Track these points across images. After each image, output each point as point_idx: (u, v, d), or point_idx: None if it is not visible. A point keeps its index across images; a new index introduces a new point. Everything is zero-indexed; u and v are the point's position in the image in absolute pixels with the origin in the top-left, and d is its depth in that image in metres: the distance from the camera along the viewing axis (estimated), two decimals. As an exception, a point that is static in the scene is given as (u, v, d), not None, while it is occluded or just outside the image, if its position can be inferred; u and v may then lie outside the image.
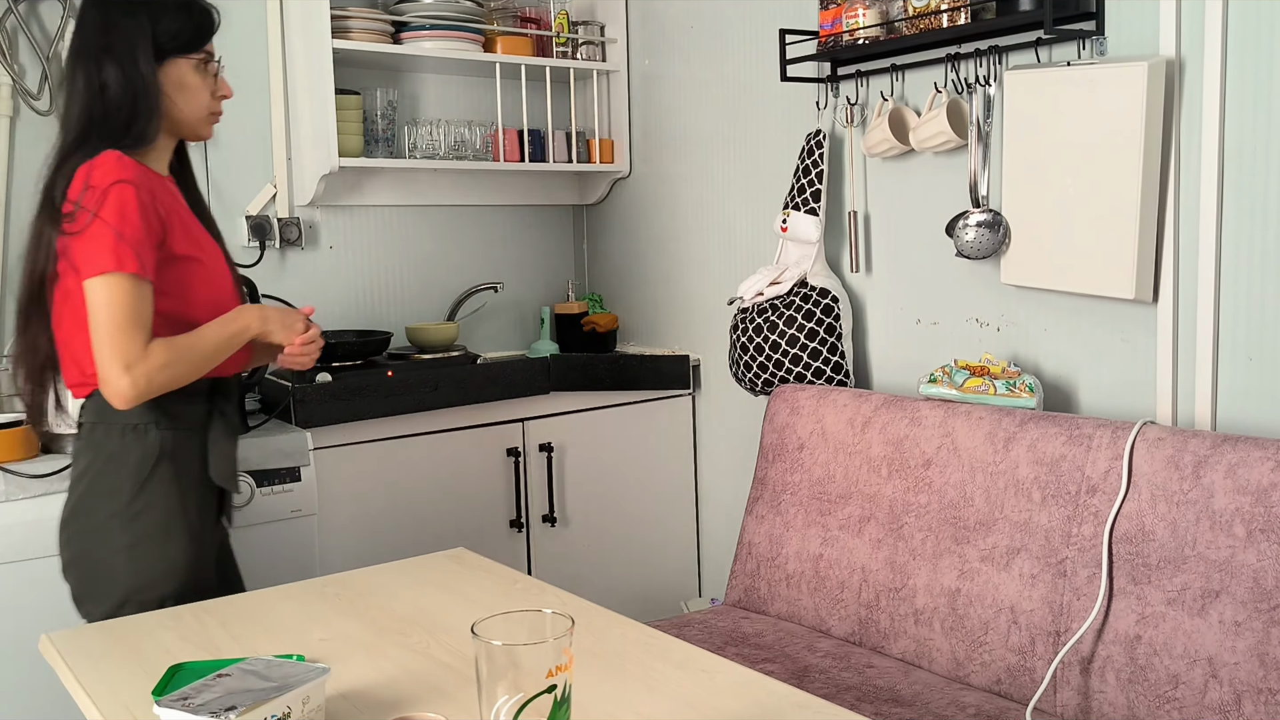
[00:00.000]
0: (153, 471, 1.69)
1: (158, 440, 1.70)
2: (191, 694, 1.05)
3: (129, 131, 1.69)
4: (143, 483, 1.69)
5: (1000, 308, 2.26)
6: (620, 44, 3.14)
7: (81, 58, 1.70)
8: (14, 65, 2.46)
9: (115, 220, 1.59)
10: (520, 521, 2.81)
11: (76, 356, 1.70)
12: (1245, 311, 1.86)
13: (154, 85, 1.71)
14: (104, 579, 1.69)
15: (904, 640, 2.03)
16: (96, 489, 1.69)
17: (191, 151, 1.92)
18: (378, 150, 2.88)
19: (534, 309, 3.27)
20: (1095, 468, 1.82)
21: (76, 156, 1.66)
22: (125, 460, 1.69)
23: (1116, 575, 1.76)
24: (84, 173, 1.63)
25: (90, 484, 1.70)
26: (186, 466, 1.73)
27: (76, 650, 1.40)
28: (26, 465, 2.07)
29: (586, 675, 1.26)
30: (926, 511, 2.04)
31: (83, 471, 1.71)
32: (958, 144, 2.21)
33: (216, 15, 1.80)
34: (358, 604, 1.56)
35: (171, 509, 1.71)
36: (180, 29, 1.74)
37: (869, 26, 2.29)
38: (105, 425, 1.69)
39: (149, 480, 1.69)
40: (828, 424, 2.27)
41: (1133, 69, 1.89)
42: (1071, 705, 1.78)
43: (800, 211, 2.48)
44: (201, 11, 1.77)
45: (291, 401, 2.41)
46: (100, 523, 1.69)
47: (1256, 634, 1.58)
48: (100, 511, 1.69)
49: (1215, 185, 1.87)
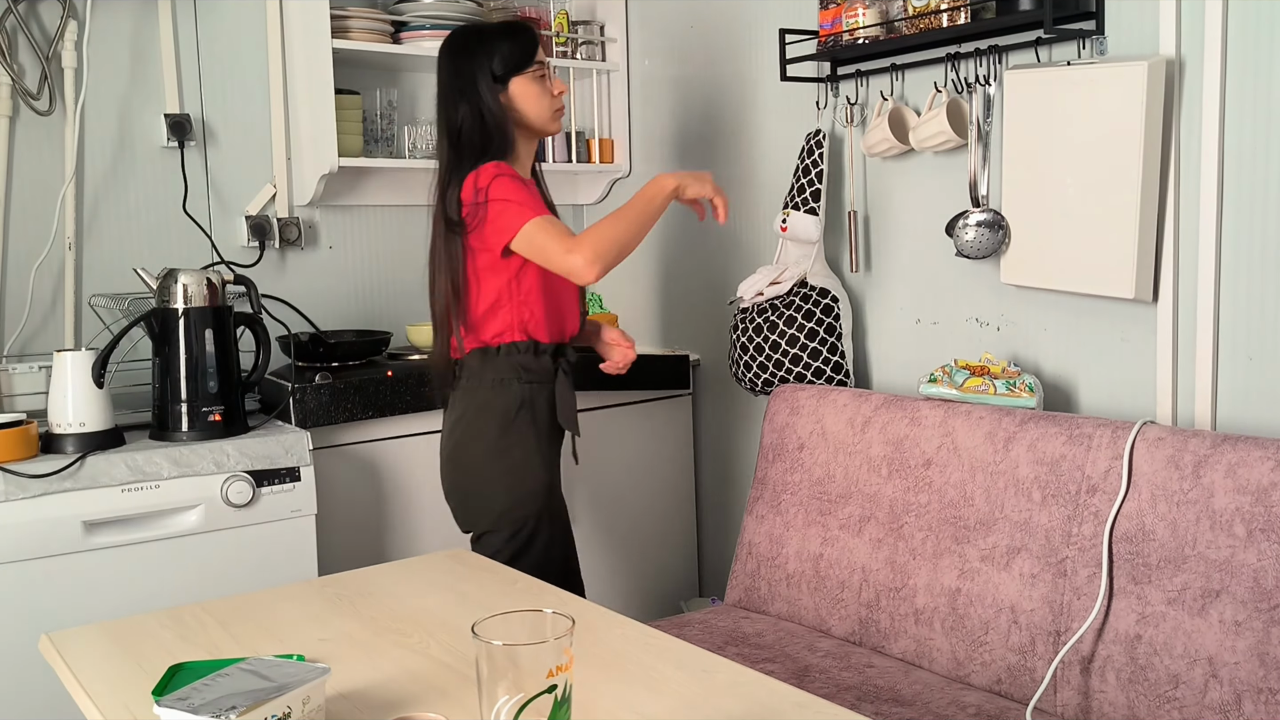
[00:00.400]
0: (516, 416, 2.10)
1: (519, 392, 2.10)
2: (191, 694, 1.05)
3: (486, 153, 2.08)
4: (508, 426, 2.09)
5: (1000, 307, 2.26)
6: (620, 44, 3.14)
7: (441, 101, 2.13)
8: (14, 65, 2.46)
9: (504, 194, 2.00)
10: (520, 521, 2.81)
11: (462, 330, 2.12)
12: (1245, 311, 1.86)
13: (500, 109, 2.10)
14: (483, 503, 2.13)
15: (904, 640, 2.02)
16: (472, 431, 2.12)
17: (191, 152, 1.93)
18: (377, 150, 2.88)
19: (534, 309, 3.27)
20: (1095, 467, 1.82)
21: (456, 177, 2.06)
22: (494, 407, 2.10)
23: (1117, 575, 1.76)
24: (470, 181, 2.03)
25: (467, 427, 2.12)
26: (540, 413, 2.12)
27: (76, 650, 1.40)
28: (26, 465, 2.07)
29: (586, 675, 1.26)
30: (926, 511, 2.04)
31: (459, 416, 2.14)
32: (958, 144, 2.21)
33: (536, 32, 2.17)
34: (358, 604, 1.56)
35: (530, 447, 2.11)
36: (510, 53, 2.11)
37: (869, 26, 2.29)
38: (478, 380, 2.12)
39: (513, 424, 2.10)
40: (828, 424, 2.27)
41: (1132, 69, 1.89)
42: (1072, 705, 1.78)
43: (800, 211, 2.47)
44: (525, 33, 2.14)
45: (291, 401, 2.41)
46: (477, 458, 2.11)
47: (1256, 634, 1.58)
48: (476, 449, 2.11)
49: (1215, 185, 1.87)
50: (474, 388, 2.13)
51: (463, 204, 2.04)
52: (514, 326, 2.10)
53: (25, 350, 2.50)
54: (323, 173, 2.71)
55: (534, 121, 2.14)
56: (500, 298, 2.09)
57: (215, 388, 2.28)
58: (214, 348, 2.28)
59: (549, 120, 2.16)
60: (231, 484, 2.23)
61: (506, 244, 2.02)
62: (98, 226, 2.59)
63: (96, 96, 2.58)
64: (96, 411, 2.17)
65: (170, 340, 2.25)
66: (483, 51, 2.10)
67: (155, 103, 2.65)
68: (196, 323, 2.26)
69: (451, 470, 2.18)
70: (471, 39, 2.13)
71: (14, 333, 2.49)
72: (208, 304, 2.28)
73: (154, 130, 2.65)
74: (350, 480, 2.54)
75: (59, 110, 2.53)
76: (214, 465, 2.22)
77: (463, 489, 2.17)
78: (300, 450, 2.32)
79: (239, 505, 2.24)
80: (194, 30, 2.69)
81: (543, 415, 2.13)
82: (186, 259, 2.67)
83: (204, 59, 2.71)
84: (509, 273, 2.08)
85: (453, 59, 2.12)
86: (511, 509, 2.12)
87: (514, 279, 2.09)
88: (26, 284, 2.50)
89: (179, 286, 2.25)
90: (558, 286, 2.15)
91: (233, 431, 2.30)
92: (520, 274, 2.09)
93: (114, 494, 2.12)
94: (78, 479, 2.09)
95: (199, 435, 2.26)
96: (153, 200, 2.66)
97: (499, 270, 2.08)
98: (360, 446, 2.55)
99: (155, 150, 2.66)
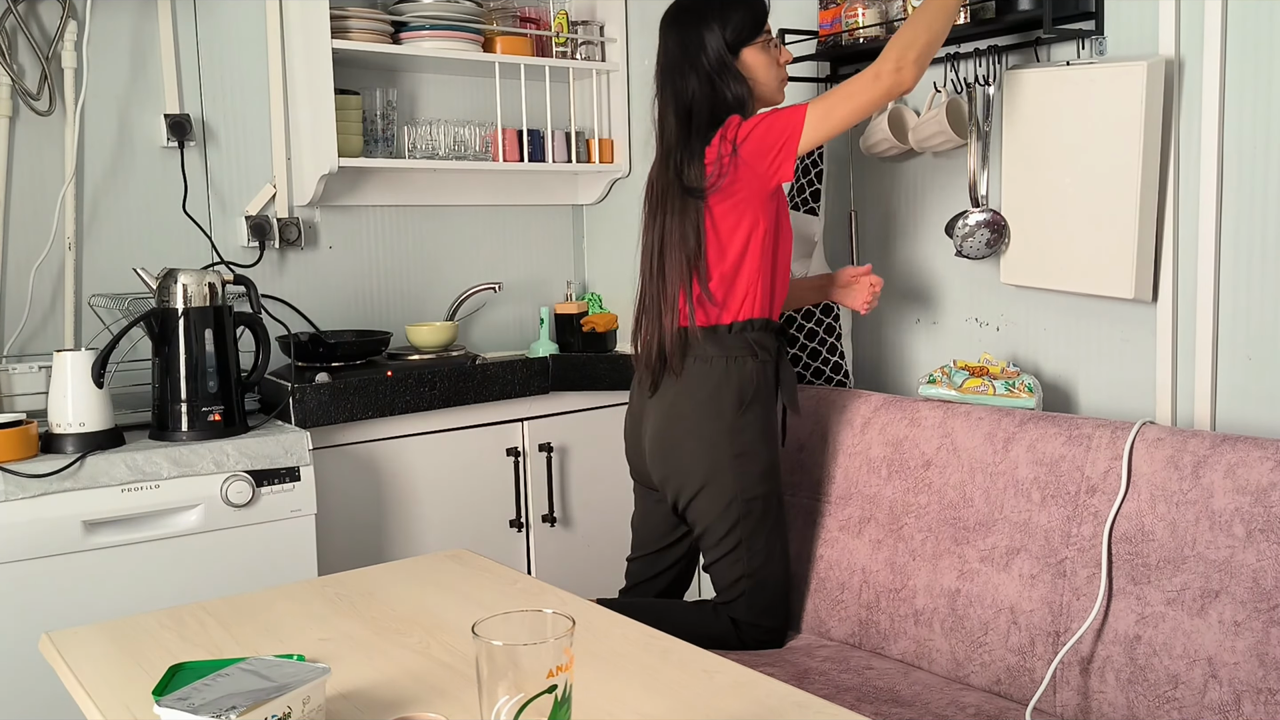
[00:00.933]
0: (753, 394, 2.04)
1: (752, 370, 2.04)
2: (191, 694, 1.05)
3: (719, 124, 2.02)
4: (745, 404, 2.04)
5: (1000, 307, 2.26)
6: (619, 44, 3.14)
7: (668, 73, 2.08)
8: (13, 65, 2.46)
9: (763, 118, 1.98)
10: (520, 521, 2.81)
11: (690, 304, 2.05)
12: (1244, 311, 1.87)
13: (734, 78, 2.05)
14: (715, 484, 2.04)
15: (904, 641, 2.03)
16: (706, 410, 2.04)
17: (191, 152, 1.93)
18: (377, 150, 2.88)
19: (533, 309, 3.27)
20: (1095, 468, 1.82)
21: (687, 152, 2.02)
22: (730, 385, 2.03)
23: (1116, 575, 1.76)
24: (715, 143, 2.00)
25: (698, 405, 2.05)
26: (769, 390, 2.07)
27: (76, 650, 1.40)
28: (26, 465, 2.07)
29: (587, 675, 1.26)
30: (926, 512, 2.04)
31: (691, 393, 2.06)
32: (957, 144, 2.21)
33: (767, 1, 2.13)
34: (358, 604, 1.56)
35: (760, 426, 2.05)
36: (743, 22, 2.06)
37: (868, 26, 2.29)
38: (709, 358, 2.05)
39: (751, 402, 2.04)
40: (828, 425, 2.27)
41: (1132, 69, 1.89)
42: (1071, 705, 1.78)
43: (800, 211, 2.47)
44: (756, 2, 2.09)
45: (291, 401, 2.41)
46: (711, 437, 2.04)
47: (1256, 634, 1.58)
48: (710, 428, 2.03)
49: (1214, 185, 1.87)
50: (706, 369, 2.06)
51: (706, 168, 2.00)
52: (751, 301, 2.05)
53: (25, 350, 2.50)
54: (322, 173, 2.71)
55: (763, 89, 2.10)
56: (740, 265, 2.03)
57: (215, 388, 2.28)
58: (214, 348, 2.28)
59: (776, 89, 2.12)
60: (231, 484, 2.23)
61: (797, 137, 1.96)
62: (97, 227, 2.59)
63: (96, 97, 2.57)
64: (96, 411, 2.17)
65: (170, 340, 2.25)
66: (715, 20, 2.05)
67: (155, 103, 2.65)
68: (196, 323, 2.26)
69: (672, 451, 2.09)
70: (701, 6, 2.08)
71: (14, 333, 2.49)
72: (207, 304, 2.28)
73: (154, 130, 2.65)
74: (350, 480, 2.54)
75: (59, 110, 2.53)
76: (214, 465, 2.22)
77: (693, 470, 2.07)
78: (300, 450, 2.32)
79: (239, 505, 2.24)
80: (194, 30, 2.69)
81: (769, 393, 2.09)
82: (186, 259, 2.67)
83: (204, 59, 2.71)
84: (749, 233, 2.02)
85: (680, 30, 2.08)
86: (745, 490, 2.05)
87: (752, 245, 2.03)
88: (26, 284, 2.50)
89: (179, 286, 2.26)
90: (783, 261, 2.11)
91: (232, 431, 2.30)
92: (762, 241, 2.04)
93: (114, 494, 2.12)
94: (78, 479, 2.09)
95: (199, 435, 2.26)
96: (152, 200, 2.66)
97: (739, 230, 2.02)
98: (360, 446, 2.56)
99: (155, 150, 2.66)
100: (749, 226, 2.02)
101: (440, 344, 2.82)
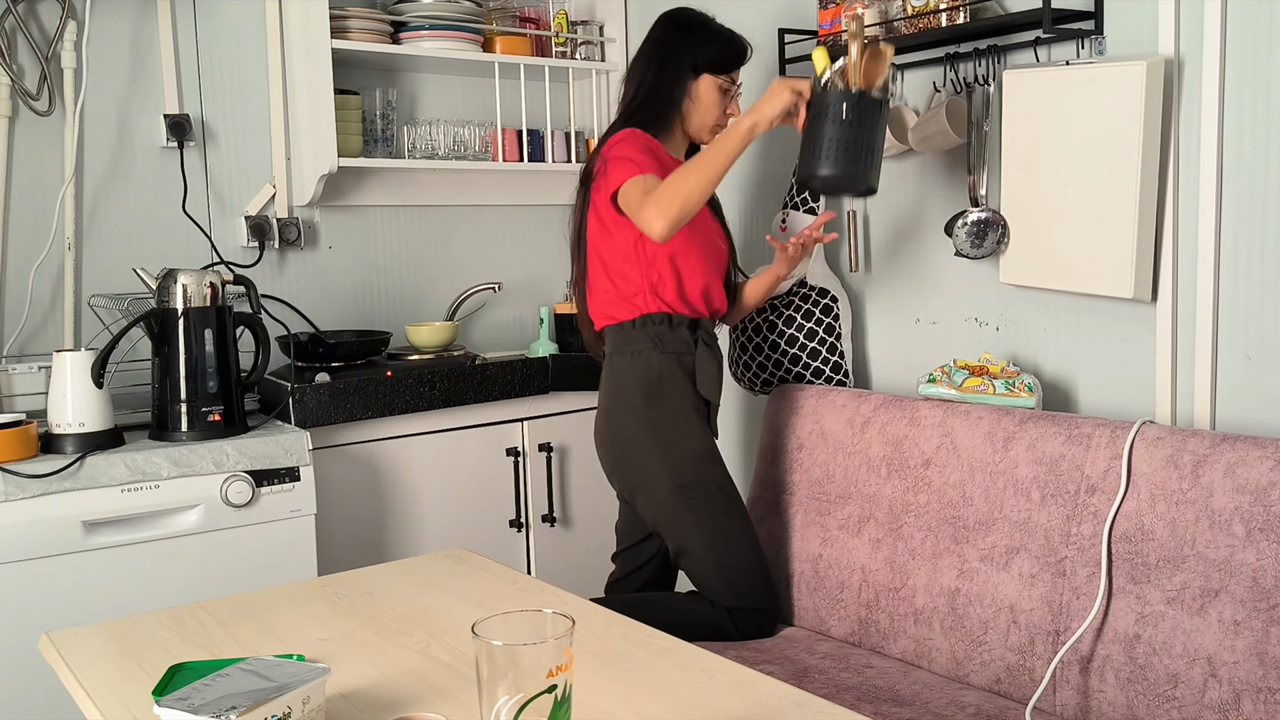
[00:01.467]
0: (659, 388, 2.11)
1: (658, 363, 2.11)
2: (191, 694, 1.05)
3: (646, 123, 2.15)
4: (651, 398, 2.10)
5: (999, 307, 2.26)
6: (619, 44, 3.14)
7: (640, 58, 2.21)
8: (13, 65, 2.46)
9: (623, 152, 2.05)
10: (520, 521, 2.81)
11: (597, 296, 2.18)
12: (1244, 310, 1.87)
13: (678, 92, 2.17)
14: (646, 473, 2.12)
15: (903, 640, 2.03)
16: (618, 404, 2.14)
17: (190, 152, 1.94)
18: (377, 150, 2.88)
19: (533, 309, 3.27)
20: (1094, 467, 1.82)
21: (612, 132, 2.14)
22: (636, 379, 2.12)
23: (1116, 574, 1.76)
24: (607, 145, 2.11)
25: (612, 400, 2.16)
26: (679, 382, 2.12)
27: (76, 650, 1.40)
28: (26, 465, 2.07)
29: (586, 675, 1.26)
30: (926, 511, 2.04)
31: (609, 391, 2.17)
32: (957, 143, 2.21)
33: (750, 52, 2.23)
34: (358, 604, 1.56)
35: (674, 418, 2.11)
36: (719, 54, 2.17)
37: (868, 26, 2.29)
38: (618, 354, 2.15)
39: (655, 396, 2.11)
40: (827, 424, 2.27)
41: (1131, 68, 1.89)
42: (1071, 705, 1.78)
43: (800, 211, 2.48)
44: (740, 44, 2.20)
45: (291, 401, 2.41)
46: (629, 433, 2.13)
47: (1256, 633, 1.58)
48: (624, 422, 2.13)
49: (1214, 184, 1.87)
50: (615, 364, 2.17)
51: (598, 156, 2.12)
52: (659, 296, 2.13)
53: (25, 350, 2.50)
54: (322, 173, 2.71)
55: (694, 120, 2.19)
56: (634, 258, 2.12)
57: (215, 388, 2.28)
58: (213, 348, 2.28)
59: (705, 129, 2.20)
60: (231, 484, 2.23)
61: (614, 192, 2.05)
62: (97, 227, 2.59)
63: (96, 97, 2.58)
64: (96, 411, 2.17)
65: (170, 340, 2.25)
66: (698, 37, 2.17)
67: (155, 103, 2.65)
68: (196, 323, 2.26)
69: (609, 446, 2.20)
70: (695, 22, 2.20)
71: (14, 333, 2.49)
72: (207, 304, 2.28)
73: (153, 130, 2.65)
74: (350, 480, 2.54)
75: (58, 111, 2.53)
76: (213, 465, 2.22)
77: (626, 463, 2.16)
78: (300, 450, 2.32)
79: (239, 505, 2.24)
80: (194, 30, 2.69)
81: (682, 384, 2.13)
82: (186, 259, 2.67)
83: (204, 59, 2.71)
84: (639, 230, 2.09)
85: (669, 28, 2.20)
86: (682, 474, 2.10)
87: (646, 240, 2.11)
88: (26, 284, 2.50)
89: (178, 286, 2.26)
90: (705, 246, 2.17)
91: (232, 432, 2.30)
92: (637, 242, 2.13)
93: (114, 494, 2.13)
94: (77, 479, 2.09)
95: (198, 435, 2.26)
96: (152, 200, 2.66)
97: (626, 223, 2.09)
98: (360, 446, 2.56)
99: (155, 150, 2.66)
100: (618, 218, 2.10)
101: (440, 344, 2.82)
